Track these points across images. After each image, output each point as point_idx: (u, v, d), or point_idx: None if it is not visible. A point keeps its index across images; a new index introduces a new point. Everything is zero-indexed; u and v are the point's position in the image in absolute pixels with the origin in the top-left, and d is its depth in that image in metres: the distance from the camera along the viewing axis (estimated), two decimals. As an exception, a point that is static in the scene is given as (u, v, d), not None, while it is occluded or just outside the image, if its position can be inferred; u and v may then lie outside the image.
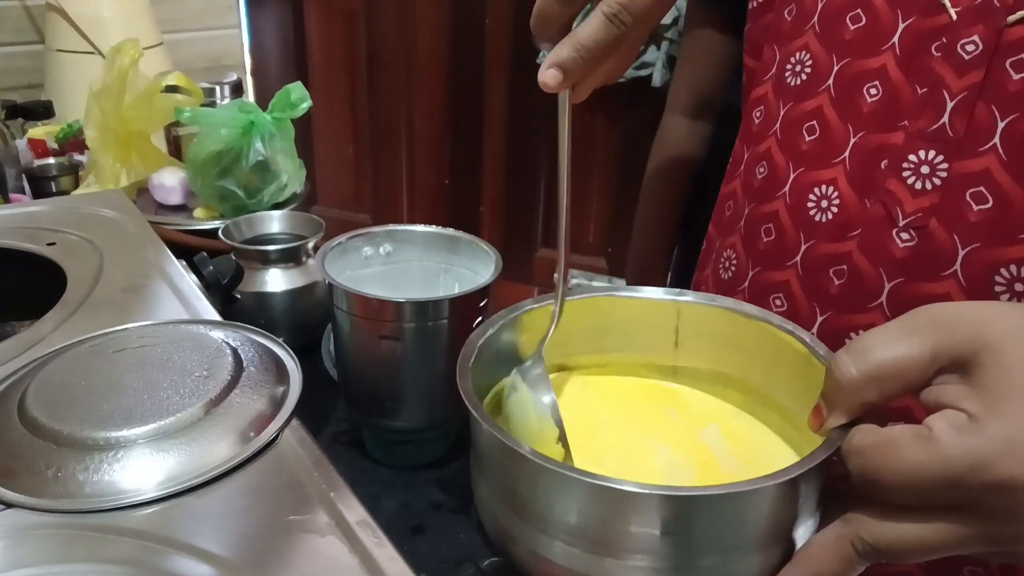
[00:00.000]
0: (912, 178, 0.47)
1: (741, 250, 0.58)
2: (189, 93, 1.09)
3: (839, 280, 0.50)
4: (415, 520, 0.59)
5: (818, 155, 0.52)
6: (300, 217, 0.87)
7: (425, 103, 2.04)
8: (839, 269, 0.50)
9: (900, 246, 0.47)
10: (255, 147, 0.96)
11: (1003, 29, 0.44)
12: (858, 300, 0.49)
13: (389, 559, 0.38)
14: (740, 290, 0.58)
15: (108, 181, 1.06)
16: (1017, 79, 0.44)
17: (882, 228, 0.48)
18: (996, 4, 0.44)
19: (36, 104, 1.28)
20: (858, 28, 0.50)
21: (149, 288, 0.62)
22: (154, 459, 0.42)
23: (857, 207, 0.50)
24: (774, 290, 0.54)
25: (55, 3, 1.37)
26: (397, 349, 0.61)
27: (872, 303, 0.49)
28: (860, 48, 0.50)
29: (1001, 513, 0.31)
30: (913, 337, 0.33)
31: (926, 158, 0.47)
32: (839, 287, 0.50)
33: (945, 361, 0.33)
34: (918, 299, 0.45)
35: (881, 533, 0.32)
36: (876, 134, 0.49)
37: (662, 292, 0.46)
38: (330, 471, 0.43)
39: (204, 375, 0.47)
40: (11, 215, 0.74)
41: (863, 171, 0.49)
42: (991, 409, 0.31)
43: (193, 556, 0.37)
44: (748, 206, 0.58)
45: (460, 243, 0.68)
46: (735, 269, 0.58)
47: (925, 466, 0.31)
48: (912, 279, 0.47)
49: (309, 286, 0.80)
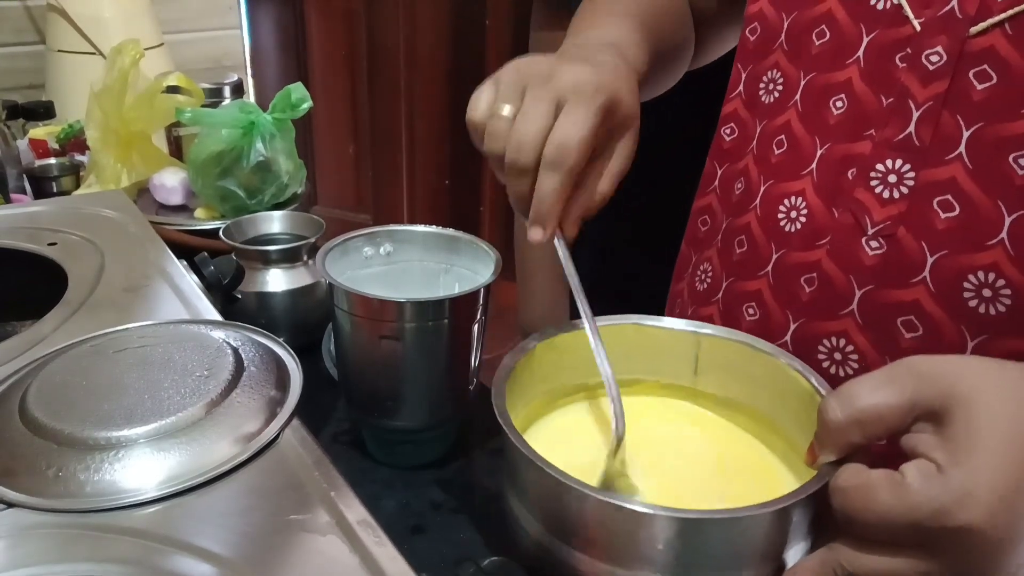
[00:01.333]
0: (880, 187, 0.48)
1: (717, 263, 0.59)
2: (190, 94, 1.10)
3: (810, 288, 0.51)
4: (415, 520, 0.59)
5: (787, 168, 0.53)
6: (300, 217, 0.87)
7: (425, 103, 2.04)
8: (809, 277, 0.51)
9: (869, 254, 0.48)
10: (256, 147, 0.96)
11: (966, 40, 0.44)
12: (829, 307, 0.50)
13: (389, 558, 0.38)
14: (714, 301, 0.59)
15: (109, 181, 1.06)
16: (981, 89, 0.44)
17: (851, 236, 0.49)
18: (959, 15, 0.45)
19: (37, 104, 1.28)
20: (823, 43, 0.51)
21: (150, 288, 0.62)
22: (155, 459, 0.42)
23: (825, 216, 0.50)
24: (747, 299, 0.55)
25: (56, 4, 1.37)
26: (397, 349, 0.61)
27: (843, 310, 0.49)
28: (826, 62, 0.51)
29: (962, 553, 0.34)
30: (894, 386, 0.36)
31: (893, 167, 0.47)
32: (810, 294, 0.51)
33: (921, 411, 0.36)
34: (888, 306, 0.47)
35: (858, 563, 0.36)
36: (843, 144, 0.50)
37: (684, 323, 0.51)
38: (330, 471, 0.43)
39: (205, 375, 0.47)
40: (12, 215, 0.75)
41: (830, 181, 0.50)
42: (956, 461, 0.34)
43: (194, 555, 0.37)
44: (725, 220, 0.58)
45: (460, 243, 0.68)
46: (710, 281, 0.59)
47: (894, 509, 0.34)
48: (882, 286, 0.48)
49: (309, 286, 0.80)
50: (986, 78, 0.44)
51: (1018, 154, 0.43)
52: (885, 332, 0.48)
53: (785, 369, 0.46)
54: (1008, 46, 0.43)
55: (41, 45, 1.51)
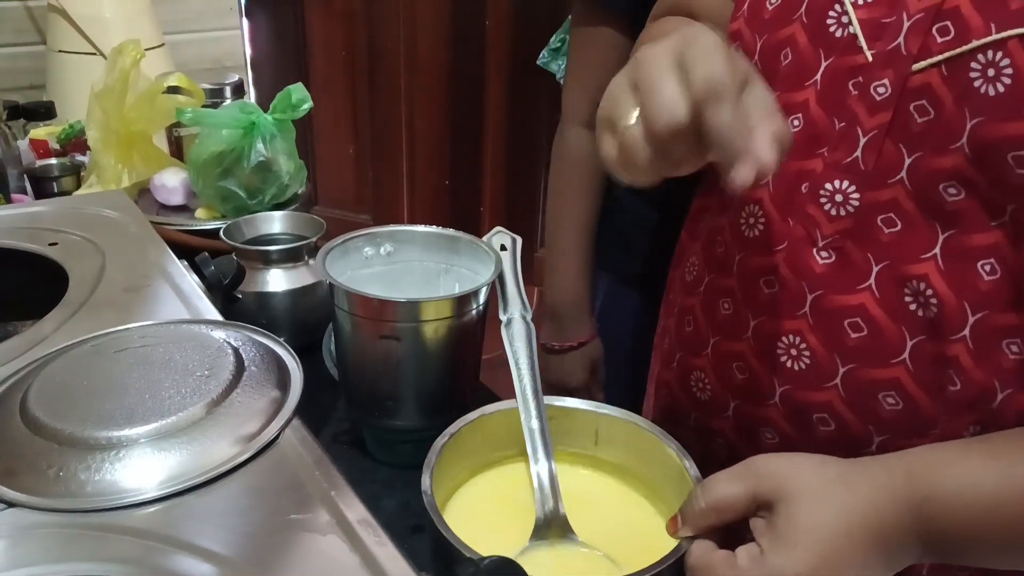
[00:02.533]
0: (828, 205, 0.51)
1: (700, 258, 0.63)
2: (190, 94, 1.10)
3: (768, 289, 0.55)
4: (415, 519, 0.59)
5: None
6: (301, 217, 0.87)
7: (425, 103, 2.04)
8: (768, 279, 0.55)
9: (820, 263, 0.52)
10: (256, 148, 0.97)
11: (909, 75, 0.47)
12: (786, 308, 0.54)
13: (390, 558, 0.38)
14: (697, 293, 0.62)
15: (110, 181, 1.06)
16: (920, 122, 0.47)
17: (803, 246, 0.53)
18: (903, 52, 0.47)
19: (38, 105, 1.28)
20: (787, 64, 0.53)
21: (151, 288, 0.62)
22: (156, 458, 0.42)
23: (780, 225, 0.54)
24: (723, 295, 0.59)
25: (57, 4, 1.37)
26: (397, 349, 0.62)
27: (798, 312, 0.53)
28: (788, 83, 0.53)
29: None
30: (741, 482, 0.46)
31: (840, 187, 0.51)
32: (768, 296, 0.55)
33: (760, 502, 0.45)
34: (837, 310, 0.51)
35: None
36: (798, 160, 0.53)
37: (586, 404, 0.58)
38: (331, 470, 0.43)
39: (206, 375, 0.48)
40: (13, 215, 0.75)
41: (785, 193, 0.54)
42: (775, 547, 0.43)
43: (195, 555, 0.37)
44: (715, 218, 0.61)
45: (460, 243, 0.69)
46: (695, 274, 0.63)
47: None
48: (831, 292, 0.52)
49: (310, 286, 0.80)
50: (924, 112, 0.47)
51: (947, 183, 0.47)
52: (833, 333, 0.52)
53: (664, 448, 0.53)
54: (943, 85, 0.46)
55: (42, 45, 1.51)
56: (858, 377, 0.52)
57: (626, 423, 0.56)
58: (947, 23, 0.46)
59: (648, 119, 0.41)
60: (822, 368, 0.53)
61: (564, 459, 0.57)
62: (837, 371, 0.52)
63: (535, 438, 0.54)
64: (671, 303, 0.68)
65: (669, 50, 0.41)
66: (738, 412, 0.59)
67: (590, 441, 0.58)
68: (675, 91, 0.40)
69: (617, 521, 0.55)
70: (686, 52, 0.40)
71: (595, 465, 0.58)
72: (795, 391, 0.55)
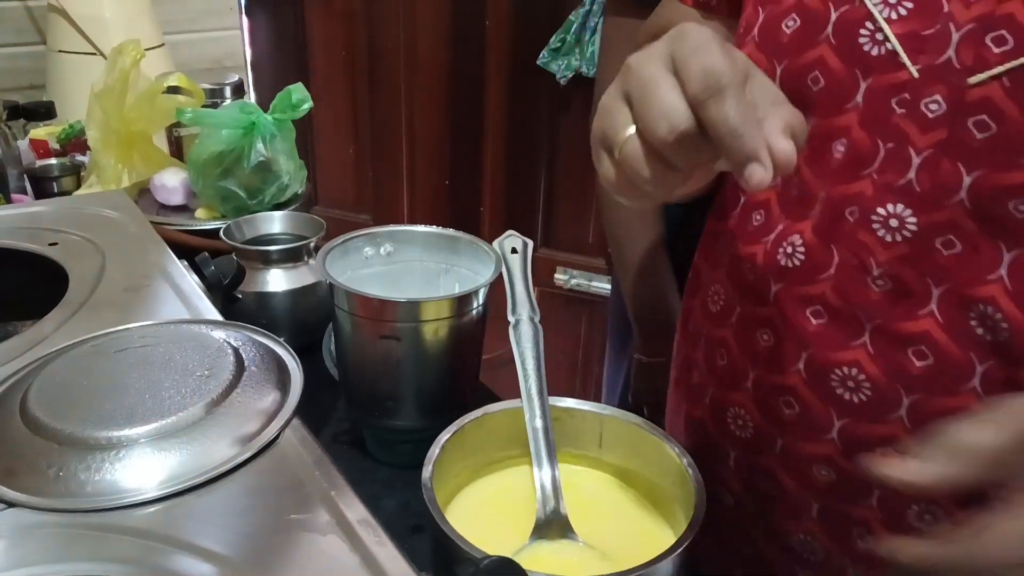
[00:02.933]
0: (882, 231, 0.48)
1: (726, 286, 0.59)
2: (190, 94, 1.10)
3: (817, 320, 0.52)
4: (416, 519, 0.59)
5: (794, 207, 0.53)
6: (301, 217, 0.87)
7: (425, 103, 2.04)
8: (816, 309, 0.52)
9: (875, 291, 0.49)
10: (256, 148, 0.97)
11: (965, 90, 0.45)
12: (839, 339, 0.51)
13: (390, 558, 0.38)
14: (728, 323, 0.59)
15: (110, 181, 1.06)
16: (981, 138, 0.44)
17: (855, 274, 0.50)
18: (956, 66, 0.45)
19: (38, 105, 1.28)
20: (820, 89, 0.50)
21: (151, 288, 0.62)
22: (156, 458, 0.42)
23: (824, 254, 0.51)
24: (760, 326, 0.56)
25: (57, 4, 1.37)
26: (397, 349, 0.62)
27: (854, 342, 0.50)
28: (825, 108, 0.50)
29: None
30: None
31: (895, 211, 0.48)
32: (817, 327, 0.52)
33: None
34: (898, 338, 0.48)
35: None
36: (842, 185, 0.50)
37: (588, 405, 0.58)
38: (331, 470, 0.43)
39: (206, 375, 0.48)
40: (13, 215, 0.75)
41: (830, 220, 0.51)
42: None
43: (195, 555, 0.37)
44: (736, 243, 0.58)
45: (460, 243, 0.69)
46: (722, 303, 0.60)
47: None
48: (891, 320, 0.49)
49: (310, 286, 0.80)
50: (985, 128, 0.44)
51: (1018, 200, 0.44)
52: (895, 362, 0.49)
53: (667, 449, 0.54)
54: (1006, 98, 0.43)
55: (42, 45, 1.51)
56: (925, 407, 0.49)
57: (628, 424, 0.56)
58: (1002, 32, 0.43)
59: (646, 130, 0.37)
60: (885, 399, 0.50)
61: (567, 460, 0.58)
62: (901, 402, 0.49)
63: (538, 438, 0.54)
64: (692, 333, 0.65)
65: (659, 52, 0.38)
66: (788, 449, 0.55)
67: (594, 443, 0.58)
68: (671, 94, 0.36)
69: (618, 522, 0.55)
70: (676, 50, 0.37)
71: (597, 466, 0.59)
72: (855, 425, 0.51)
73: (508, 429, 0.56)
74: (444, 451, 0.52)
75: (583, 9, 1.57)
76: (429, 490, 0.48)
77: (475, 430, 0.55)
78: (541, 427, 0.54)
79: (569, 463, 0.58)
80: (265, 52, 2.17)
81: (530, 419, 0.55)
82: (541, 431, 0.54)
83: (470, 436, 0.55)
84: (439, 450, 0.52)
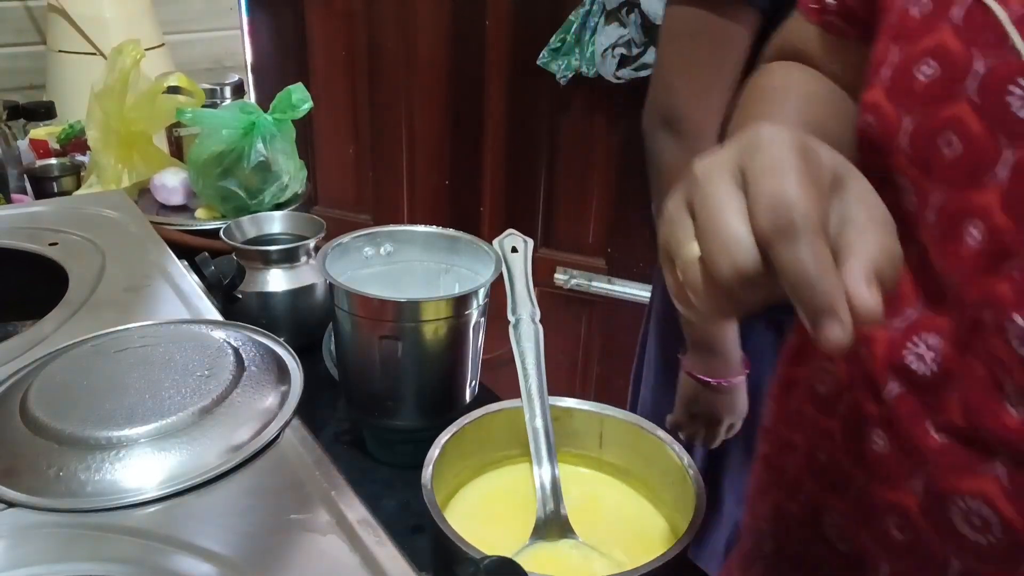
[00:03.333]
0: (1016, 342, 0.39)
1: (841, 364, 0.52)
2: (191, 94, 1.10)
3: (939, 437, 0.44)
4: (416, 519, 0.59)
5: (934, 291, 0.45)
6: (301, 217, 0.87)
7: (425, 103, 2.04)
8: (940, 423, 0.44)
9: (1014, 416, 0.40)
10: (256, 148, 0.97)
11: None
12: (964, 463, 0.43)
13: (390, 558, 0.38)
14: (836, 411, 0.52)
15: (110, 181, 1.06)
16: None
17: (989, 390, 0.41)
18: None
19: (38, 105, 1.28)
20: (953, 154, 0.41)
21: (151, 288, 0.62)
22: (156, 458, 0.42)
23: (955, 362, 0.43)
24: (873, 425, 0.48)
25: (57, 4, 1.37)
26: (397, 349, 0.62)
27: (982, 470, 0.42)
28: (957, 179, 0.41)
29: None
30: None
31: None
32: (939, 445, 0.44)
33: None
34: None
35: None
36: (978, 281, 0.41)
37: (588, 405, 0.58)
38: (331, 470, 0.43)
39: (206, 375, 0.48)
40: (13, 215, 0.75)
41: (963, 324, 0.43)
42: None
43: (195, 555, 0.37)
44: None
45: (460, 243, 0.69)
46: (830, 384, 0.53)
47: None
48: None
49: (310, 286, 0.80)
50: None
51: None
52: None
53: (667, 449, 0.54)
54: None
55: (42, 45, 1.51)
56: None
57: (629, 424, 0.56)
58: None
59: (708, 262, 0.33)
60: (1019, 544, 0.40)
61: (567, 460, 0.58)
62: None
63: (539, 438, 0.54)
64: (794, 412, 0.57)
65: (729, 164, 0.33)
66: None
67: (594, 443, 0.58)
68: (736, 224, 0.32)
69: (618, 522, 0.55)
70: (748, 165, 0.33)
71: (597, 466, 0.59)
72: (978, 570, 0.43)
73: (508, 429, 0.56)
74: (444, 451, 0.52)
75: (583, 9, 1.58)
76: (429, 490, 0.48)
77: (475, 430, 0.55)
78: (541, 427, 0.54)
79: (569, 463, 0.58)
80: (265, 52, 2.17)
81: (530, 419, 0.55)
82: (541, 431, 0.54)
83: (470, 436, 0.55)
84: (439, 450, 0.52)
